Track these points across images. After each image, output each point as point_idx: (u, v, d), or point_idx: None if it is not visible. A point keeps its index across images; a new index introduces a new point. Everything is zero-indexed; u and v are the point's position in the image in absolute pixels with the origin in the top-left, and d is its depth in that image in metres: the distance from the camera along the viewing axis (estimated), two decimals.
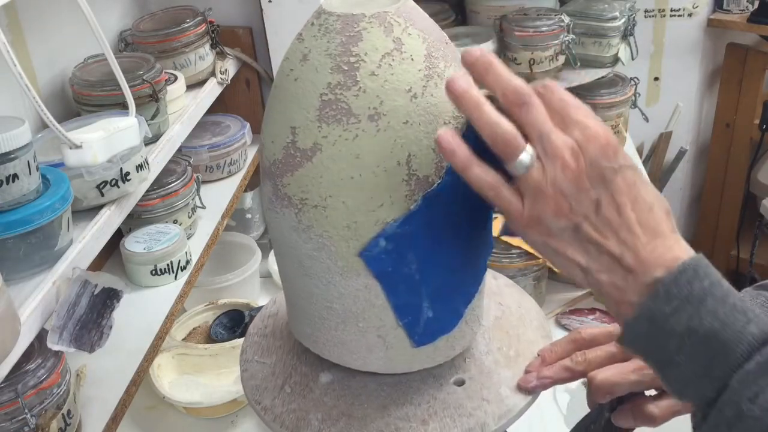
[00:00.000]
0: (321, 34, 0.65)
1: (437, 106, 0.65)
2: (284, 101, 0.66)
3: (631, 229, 0.56)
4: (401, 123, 0.63)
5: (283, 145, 0.66)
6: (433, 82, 0.65)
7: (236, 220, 1.59)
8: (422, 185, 0.65)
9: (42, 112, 0.80)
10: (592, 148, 0.56)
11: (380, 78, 0.64)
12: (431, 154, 0.65)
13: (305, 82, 0.65)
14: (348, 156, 0.63)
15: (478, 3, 1.79)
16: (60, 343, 0.83)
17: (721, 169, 2.32)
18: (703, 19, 2.13)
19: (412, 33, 0.65)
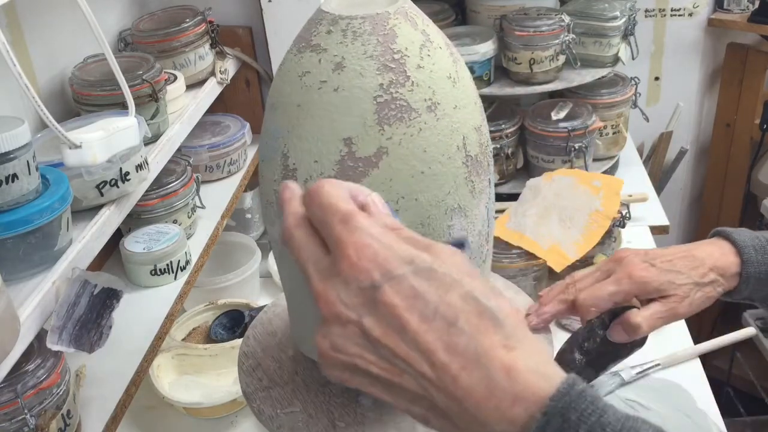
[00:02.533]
0: (350, 39, 0.64)
1: (468, 87, 0.68)
2: (323, 115, 0.64)
3: (425, 351, 0.42)
4: (452, 108, 0.65)
5: (336, 161, 0.63)
6: (460, 65, 0.68)
7: (236, 220, 1.59)
8: (474, 165, 0.68)
9: (42, 112, 0.80)
10: (344, 270, 0.44)
11: (426, 69, 0.65)
12: (475, 134, 0.68)
13: (352, 90, 0.63)
14: (417, 152, 0.64)
15: (478, 3, 1.79)
16: (59, 343, 0.82)
17: (721, 168, 2.32)
18: (703, 19, 2.13)
19: (429, 24, 0.67)
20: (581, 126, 1.66)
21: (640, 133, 2.12)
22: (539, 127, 1.69)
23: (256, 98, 1.57)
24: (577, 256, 1.37)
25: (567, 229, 1.40)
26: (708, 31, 2.15)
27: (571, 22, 1.66)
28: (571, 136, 1.65)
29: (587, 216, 1.41)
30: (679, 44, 2.17)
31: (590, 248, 1.38)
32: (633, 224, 1.54)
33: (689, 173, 2.36)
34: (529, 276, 1.35)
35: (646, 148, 2.21)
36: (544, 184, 1.49)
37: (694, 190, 2.44)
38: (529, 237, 1.39)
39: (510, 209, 1.47)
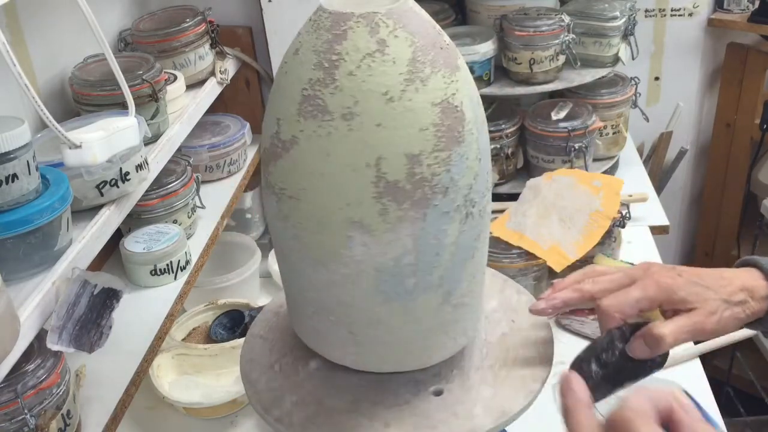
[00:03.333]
0: (312, 30, 0.66)
1: (414, 112, 0.64)
2: (276, 93, 0.68)
3: None
4: (374, 125, 0.63)
5: (270, 135, 0.68)
6: (413, 86, 0.64)
7: (236, 220, 1.59)
8: (392, 189, 0.64)
9: (42, 112, 0.80)
10: None
11: (358, 78, 0.63)
12: (403, 159, 0.64)
13: (292, 76, 0.66)
14: (319, 152, 0.64)
15: (478, 3, 1.79)
16: (59, 343, 0.82)
17: (721, 168, 2.31)
18: (703, 19, 2.13)
19: (400, 35, 0.64)
20: (581, 126, 1.66)
21: (640, 133, 2.12)
22: (539, 127, 1.69)
23: (256, 98, 1.57)
24: (577, 256, 1.37)
25: (567, 229, 1.40)
26: (708, 31, 2.15)
27: (571, 22, 1.66)
28: (571, 136, 1.65)
29: (587, 216, 1.41)
30: (679, 44, 2.17)
31: (590, 248, 1.38)
32: (633, 224, 1.54)
33: (689, 173, 2.36)
34: (529, 276, 1.35)
35: (646, 148, 2.21)
36: (544, 184, 1.49)
37: (694, 190, 2.44)
38: (529, 237, 1.39)
39: (510, 209, 1.47)
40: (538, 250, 1.37)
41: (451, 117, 0.65)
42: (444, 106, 0.65)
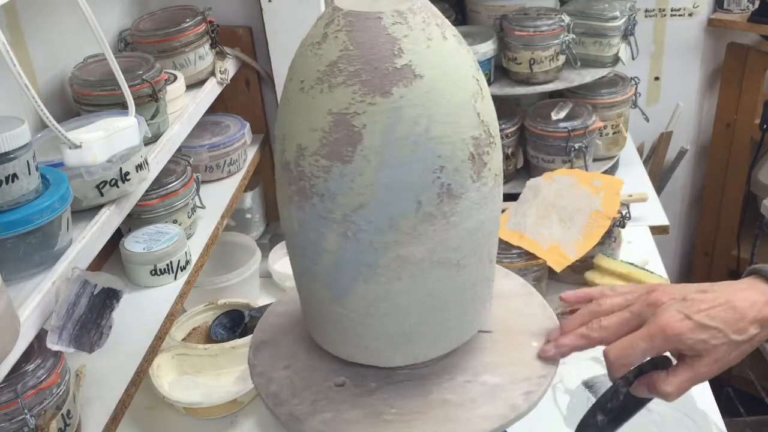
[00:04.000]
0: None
1: None
2: None
3: None
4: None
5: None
6: None
7: (236, 220, 1.59)
8: None
9: (41, 112, 0.80)
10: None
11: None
12: None
13: None
14: None
15: (478, 3, 1.79)
16: (59, 343, 0.82)
17: (721, 168, 2.32)
18: (703, 19, 2.13)
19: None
20: (581, 126, 1.66)
21: (640, 133, 2.13)
22: (539, 127, 1.69)
23: (256, 98, 1.57)
24: (577, 256, 1.37)
25: (567, 229, 1.40)
26: (708, 31, 2.15)
27: (571, 22, 1.66)
28: (571, 136, 1.65)
29: (587, 216, 1.41)
30: (679, 44, 2.17)
31: (590, 248, 1.38)
32: (633, 224, 1.54)
33: (689, 173, 2.36)
34: (529, 276, 1.35)
35: (646, 148, 2.21)
36: (544, 184, 1.50)
37: (694, 190, 2.44)
38: (529, 237, 1.39)
39: (510, 209, 1.47)
40: (538, 250, 1.37)
41: None
42: None
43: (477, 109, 0.69)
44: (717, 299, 0.75)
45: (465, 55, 0.70)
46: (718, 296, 0.76)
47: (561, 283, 1.46)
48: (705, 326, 0.74)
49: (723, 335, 0.74)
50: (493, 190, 0.73)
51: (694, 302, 0.75)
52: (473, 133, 0.69)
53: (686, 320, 0.74)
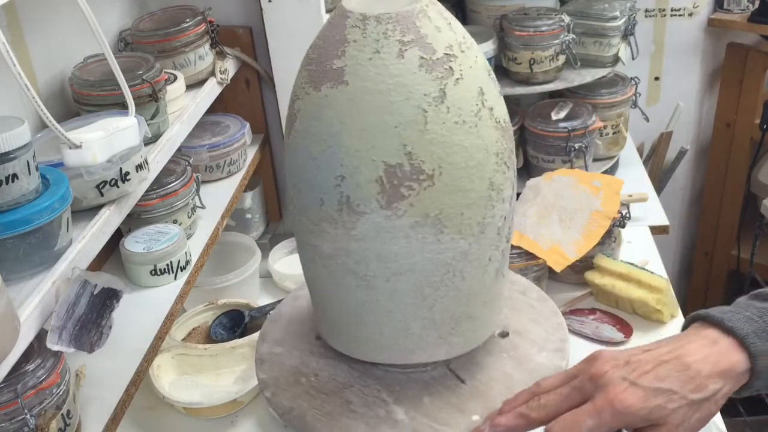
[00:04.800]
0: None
1: None
2: None
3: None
4: None
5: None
6: None
7: (236, 220, 1.59)
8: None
9: (41, 112, 0.80)
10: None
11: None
12: None
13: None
14: None
15: (478, 3, 1.79)
16: (59, 343, 0.82)
17: (721, 168, 2.32)
18: (703, 19, 2.13)
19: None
20: (581, 126, 1.66)
21: (640, 133, 2.13)
22: (539, 127, 1.69)
23: (256, 98, 1.57)
24: (577, 256, 1.37)
25: (567, 229, 1.40)
26: (708, 31, 2.15)
27: (571, 22, 1.66)
28: (571, 136, 1.65)
29: (587, 216, 1.41)
30: (679, 44, 2.17)
31: (590, 248, 1.38)
32: (633, 224, 1.54)
33: (689, 173, 2.36)
34: (529, 276, 1.35)
35: (646, 148, 2.21)
36: (544, 184, 1.50)
37: (694, 190, 2.44)
38: (529, 237, 1.39)
39: None
40: (538, 250, 1.37)
41: None
42: None
43: (403, 139, 0.67)
44: (663, 356, 0.68)
45: (420, 81, 0.67)
46: (663, 353, 0.68)
47: (561, 283, 1.46)
48: (657, 390, 0.66)
49: (679, 396, 0.66)
50: (427, 235, 0.70)
51: (639, 364, 0.68)
52: (387, 159, 0.67)
53: (634, 388, 0.66)
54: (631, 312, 1.38)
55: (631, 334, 1.33)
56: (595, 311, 1.40)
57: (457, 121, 0.68)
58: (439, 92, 0.68)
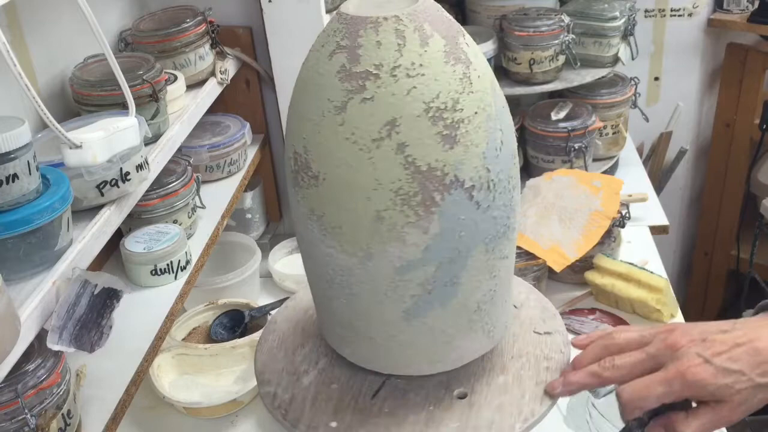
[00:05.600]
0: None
1: None
2: None
3: None
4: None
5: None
6: None
7: (236, 220, 1.59)
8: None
9: (42, 112, 0.80)
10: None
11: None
12: None
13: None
14: None
15: (478, 3, 1.79)
16: (60, 343, 0.82)
17: (721, 169, 2.32)
18: (703, 19, 2.13)
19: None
20: (581, 126, 1.66)
21: (640, 133, 2.13)
22: (539, 127, 1.69)
23: (256, 98, 1.57)
24: (577, 256, 1.37)
25: (567, 229, 1.40)
26: (708, 32, 2.15)
27: (570, 23, 1.66)
28: (571, 136, 1.65)
29: (587, 216, 1.41)
30: (679, 44, 2.17)
31: (590, 248, 1.39)
32: (633, 224, 1.54)
33: (689, 173, 2.37)
34: (529, 276, 1.35)
35: (646, 148, 2.21)
36: (544, 184, 1.50)
37: (694, 190, 2.44)
38: (529, 237, 1.39)
39: None
40: (537, 250, 1.37)
41: None
42: None
43: (374, 164, 0.68)
44: (738, 339, 0.71)
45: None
46: (739, 336, 0.71)
47: (561, 283, 1.46)
48: (728, 370, 0.70)
49: (747, 378, 0.70)
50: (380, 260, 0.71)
51: (714, 344, 0.71)
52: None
53: (707, 365, 0.70)
54: (631, 312, 1.38)
55: None
56: (595, 311, 1.40)
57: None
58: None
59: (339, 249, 0.71)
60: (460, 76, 0.68)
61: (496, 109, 0.71)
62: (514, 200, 0.76)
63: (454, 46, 0.69)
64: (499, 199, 0.72)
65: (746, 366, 0.70)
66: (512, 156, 0.75)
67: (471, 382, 0.80)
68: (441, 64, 0.68)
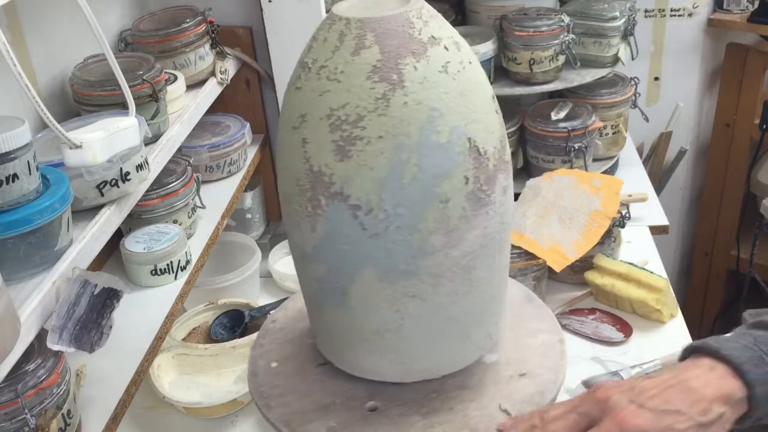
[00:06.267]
0: (439, 22, 0.71)
1: None
2: (479, 88, 0.73)
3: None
4: None
5: (498, 121, 0.74)
6: None
7: (236, 220, 1.59)
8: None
9: (42, 112, 0.80)
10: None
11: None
12: None
13: (474, 58, 0.72)
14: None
15: (478, 3, 1.79)
16: (60, 343, 0.83)
17: (721, 169, 2.32)
18: (703, 19, 2.13)
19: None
20: (581, 126, 1.66)
21: (640, 133, 2.13)
22: (539, 127, 1.69)
23: (256, 98, 1.57)
24: (576, 256, 1.37)
25: (567, 229, 1.40)
26: (708, 32, 2.15)
27: (570, 23, 1.66)
28: (571, 136, 1.65)
29: (587, 216, 1.41)
30: (679, 44, 2.17)
31: (590, 248, 1.38)
32: (633, 224, 1.54)
33: (689, 173, 2.36)
34: (529, 276, 1.35)
35: (646, 148, 2.21)
36: (544, 184, 1.50)
37: (694, 190, 2.44)
38: (529, 237, 1.39)
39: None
40: (537, 250, 1.37)
41: None
42: None
43: (290, 150, 0.73)
44: (668, 381, 0.68)
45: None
46: (667, 379, 0.68)
47: (561, 283, 1.46)
48: (665, 411, 0.66)
49: (687, 417, 0.65)
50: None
51: (644, 389, 0.67)
52: None
53: (642, 410, 0.66)
54: (631, 312, 1.38)
55: (630, 334, 1.33)
56: (595, 311, 1.40)
57: None
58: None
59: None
60: (377, 95, 0.66)
61: (424, 146, 0.67)
62: (430, 245, 0.70)
63: (392, 65, 0.66)
64: (397, 233, 0.69)
65: (683, 405, 0.66)
66: (437, 200, 0.69)
67: None
68: (362, 77, 0.67)
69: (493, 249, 0.74)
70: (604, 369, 1.25)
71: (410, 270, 0.70)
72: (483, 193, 0.70)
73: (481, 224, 0.71)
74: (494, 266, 0.75)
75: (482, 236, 0.72)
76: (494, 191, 0.71)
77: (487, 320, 0.79)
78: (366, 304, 0.73)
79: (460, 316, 0.75)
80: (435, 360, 0.78)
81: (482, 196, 0.70)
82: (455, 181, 0.68)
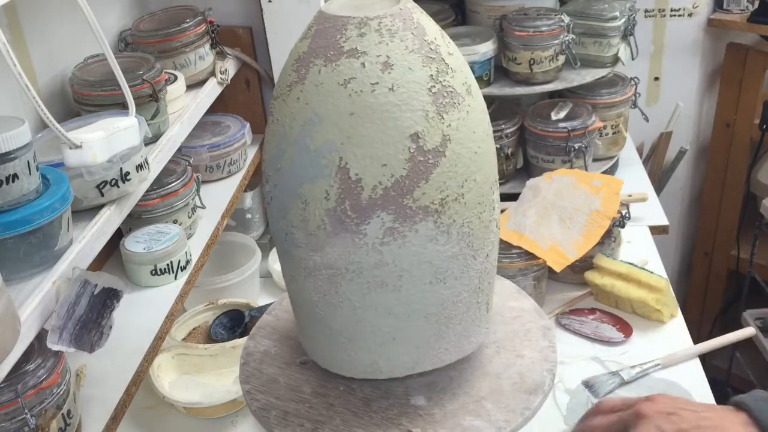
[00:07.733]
0: (386, 38, 0.66)
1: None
2: (384, 116, 0.65)
3: None
4: (477, 89, 0.71)
5: (407, 158, 0.65)
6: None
7: (236, 220, 1.59)
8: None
9: (42, 112, 0.80)
10: None
11: (454, 54, 0.69)
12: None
13: (407, 84, 0.65)
14: (470, 133, 0.68)
15: (478, 3, 1.79)
16: (60, 343, 0.83)
17: (721, 169, 2.32)
18: (703, 19, 2.13)
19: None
20: (581, 126, 1.66)
21: (640, 133, 2.13)
22: (539, 127, 1.69)
23: (256, 98, 1.57)
24: (576, 256, 1.37)
25: (567, 229, 1.40)
26: (708, 31, 2.15)
27: (570, 23, 1.66)
28: (570, 136, 1.65)
29: (587, 216, 1.41)
30: (679, 44, 2.17)
31: (590, 248, 1.38)
32: (633, 224, 1.54)
33: (689, 173, 2.36)
34: (529, 276, 1.35)
35: (646, 148, 2.21)
36: (544, 184, 1.50)
37: (694, 190, 2.44)
38: (529, 237, 1.39)
39: (510, 209, 1.47)
40: (537, 250, 1.37)
41: None
42: None
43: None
44: (702, 421, 0.71)
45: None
46: (704, 418, 0.72)
47: (561, 283, 1.46)
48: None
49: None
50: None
51: (681, 420, 0.71)
52: None
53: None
54: (631, 312, 1.38)
55: (630, 334, 1.33)
56: (595, 311, 1.40)
57: None
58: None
59: None
60: (288, 83, 0.70)
61: (297, 143, 0.68)
62: (298, 240, 0.71)
63: (306, 61, 0.68)
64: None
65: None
66: (298, 199, 0.68)
67: None
68: (288, 63, 0.71)
69: (368, 277, 0.69)
70: (604, 369, 1.25)
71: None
72: (347, 217, 0.66)
73: (347, 247, 0.68)
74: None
75: (347, 261, 0.68)
76: (367, 224, 0.66)
77: (460, 317, 0.78)
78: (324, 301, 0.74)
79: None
80: (411, 356, 0.77)
81: (346, 219, 0.66)
82: (315, 190, 0.67)
